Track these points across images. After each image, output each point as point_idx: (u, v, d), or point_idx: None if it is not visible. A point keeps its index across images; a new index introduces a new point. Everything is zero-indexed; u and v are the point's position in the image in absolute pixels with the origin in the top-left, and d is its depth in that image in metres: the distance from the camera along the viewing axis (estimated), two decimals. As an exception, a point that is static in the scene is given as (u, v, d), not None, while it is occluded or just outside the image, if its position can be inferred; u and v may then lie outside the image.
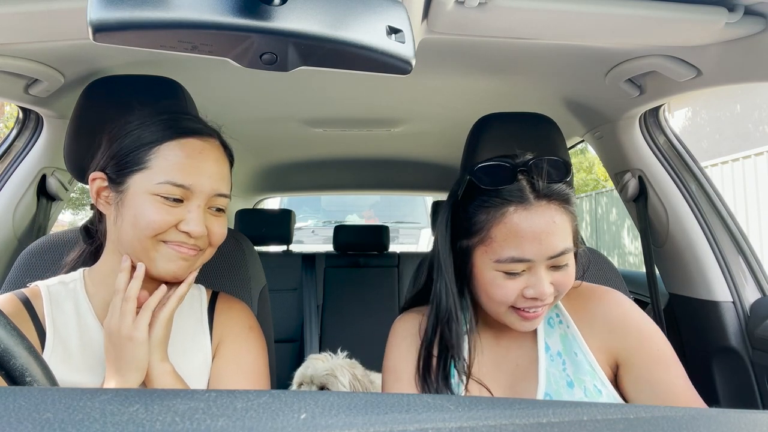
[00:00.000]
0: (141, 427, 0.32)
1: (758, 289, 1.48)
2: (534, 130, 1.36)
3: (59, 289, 0.96)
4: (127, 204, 0.87)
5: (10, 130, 1.58)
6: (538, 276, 0.85)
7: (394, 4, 0.60)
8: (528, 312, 0.88)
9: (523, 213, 0.85)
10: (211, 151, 0.91)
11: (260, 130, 2.24)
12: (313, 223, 6.33)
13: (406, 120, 2.10)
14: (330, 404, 0.36)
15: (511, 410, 0.36)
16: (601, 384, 0.90)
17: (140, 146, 0.87)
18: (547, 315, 0.97)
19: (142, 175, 0.86)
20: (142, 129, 0.89)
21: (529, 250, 0.84)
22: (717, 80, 1.15)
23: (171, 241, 0.88)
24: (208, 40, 0.57)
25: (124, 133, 0.90)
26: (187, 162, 0.87)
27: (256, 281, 1.25)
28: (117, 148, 0.89)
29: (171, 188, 0.86)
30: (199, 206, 0.88)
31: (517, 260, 0.85)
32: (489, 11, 0.92)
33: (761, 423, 0.39)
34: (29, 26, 1.02)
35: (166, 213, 0.86)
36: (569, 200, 0.89)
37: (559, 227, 0.85)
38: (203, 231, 0.89)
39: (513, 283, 0.87)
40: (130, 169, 0.87)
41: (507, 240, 0.85)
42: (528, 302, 0.87)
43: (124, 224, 0.87)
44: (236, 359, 0.99)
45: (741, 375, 1.42)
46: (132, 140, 0.88)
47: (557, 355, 0.94)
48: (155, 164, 0.86)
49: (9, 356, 0.52)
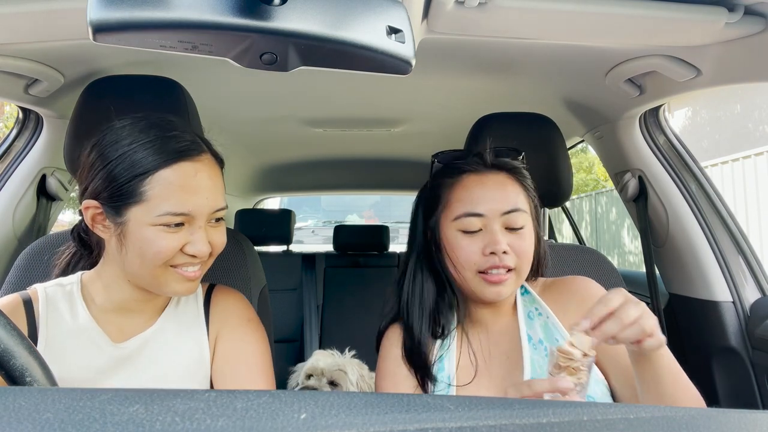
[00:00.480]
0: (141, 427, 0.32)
1: (758, 289, 1.48)
2: (534, 130, 1.36)
3: (56, 291, 0.96)
4: (130, 237, 0.87)
5: (10, 130, 1.58)
6: (493, 232, 0.94)
7: (394, 4, 0.60)
8: (491, 275, 0.95)
9: (476, 177, 0.99)
10: (204, 169, 0.89)
11: (260, 130, 2.24)
12: (313, 223, 6.32)
13: (406, 120, 2.10)
14: (330, 404, 0.36)
15: (511, 410, 0.36)
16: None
17: (133, 177, 0.85)
18: (527, 309, 1.04)
19: (140, 208, 0.85)
20: (132, 155, 0.85)
21: (481, 206, 0.96)
22: (717, 80, 1.15)
23: (178, 264, 0.89)
24: (208, 40, 0.57)
25: (115, 157, 0.86)
26: (184, 189, 0.86)
27: (256, 281, 1.25)
28: (108, 177, 0.86)
29: (172, 218, 0.85)
30: (201, 227, 0.89)
31: (471, 214, 0.96)
32: (489, 11, 0.92)
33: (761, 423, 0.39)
34: (29, 26, 1.02)
35: (171, 240, 0.86)
36: (521, 173, 1.02)
37: (509, 189, 0.98)
38: (208, 249, 0.90)
39: (472, 241, 0.96)
40: (125, 202, 0.85)
41: (462, 200, 0.98)
42: (488, 260, 0.94)
43: (129, 255, 0.88)
44: (236, 351, 0.99)
45: (741, 375, 1.42)
46: (123, 168, 0.85)
47: (539, 342, 1.00)
48: (151, 195, 0.85)
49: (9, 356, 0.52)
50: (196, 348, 0.98)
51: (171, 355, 0.96)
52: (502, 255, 0.94)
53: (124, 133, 0.88)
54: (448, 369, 1.01)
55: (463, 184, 0.99)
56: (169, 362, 0.95)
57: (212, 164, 0.92)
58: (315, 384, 1.68)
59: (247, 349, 1.00)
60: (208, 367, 0.98)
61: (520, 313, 1.03)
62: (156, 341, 0.96)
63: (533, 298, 1.05)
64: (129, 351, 0.93)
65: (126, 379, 0.92)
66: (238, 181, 3.12)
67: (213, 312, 1.02)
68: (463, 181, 0.99)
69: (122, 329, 0.95)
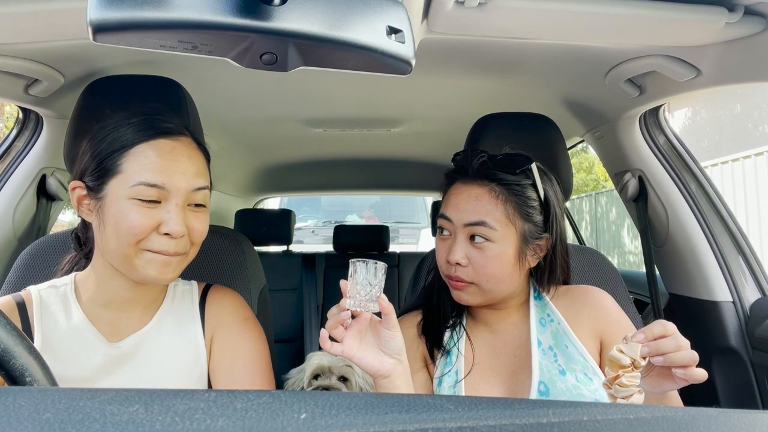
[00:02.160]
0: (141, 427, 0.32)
1: (758, 289, 1.48)
2: (534, 130, 1.36)
3: (49, 293, 0.96)
4: (106, 211, 0.87)
5: (10, 130, 1.58)
6: (456, 242, 0.98)
7: (394, 4, 0.60)
8: (452, 280, 1.00)
9: (460, 186, 1.01)
10: (183, 148, 0.91)
11: (260, 130, 2.24)
12: (313, 223, 6.32)
13: (406, 120, 2.10)
14: (330, 404, 0.36)
15: (511, 410, 0.36)
16: (593, 372, 0.97)
17: (113, 152, 0.87)
18: (539, 315, 1.06)
19: (117, 180, 0.86)
20: (114, 132, 0.89)
21: (450, 213, 0.99)
22: (717, 80, 1.15)
23: (153, 248, 0.88)
24: (208, 40, 0.57)
25: (99, 138, 0.89)
26: (159, 161, 0.87)
27: (256, 281, 1.25)
28: (91, 155, 0.89)
29: (145, 189, 0.85)
30: (177, 205, 0.88)
31: (442, 216, 1.01)
32: (489, 11, 0.92)
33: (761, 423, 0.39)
34: (29, 26, 1.02)
35: (144, 216, 0.86)
36: (513, 190, 0.98)
37: (483, 203, 0.97)
38: (183, 230, 0.88)
39: (442, 246, 1.01)
40: (104, 177, 0.87)
41: (443, 204, 1.03)
42: (449, 268, 0.99)
43: (107, 232, 0.88)
44: (232, 351, 0.99)
45: (741, 375, 1.42)
46: (106, 146, 0.88)
47: (548, 349, 1.02)
48: (127, 167, 0.86)
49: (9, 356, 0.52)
50: (191, 347, 0.98)
51: (166, 355, 0.95)
52: (455, 265, 0.97)
53: (113, 119, 0.92)
54: (456, 364, 1.02)
55: (450, 190, 1.03)
56: (164, 362, 0.95)
57: (193, 147, 0.93)
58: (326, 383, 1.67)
59: (243, 348, 0.99)
60: (204, 366, 0.98)
61: (532, 319, 1.04)
62: (151, 340, 0.96)
63: (546, 304, 1.06)
64: (124, 350, 0.93)
65: (122, 379, 0.92)
66: (238, 181, 3.12)
67: (209, 311, 1.02)
68: (450, 187, 1.03)
69: (117, 328, 0.95)
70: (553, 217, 1.00)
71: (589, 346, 1.01)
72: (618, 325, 1.02)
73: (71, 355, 0.91)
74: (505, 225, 0.96)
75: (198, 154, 0.94)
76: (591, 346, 1.01)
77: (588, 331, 1.02)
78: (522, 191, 0.98)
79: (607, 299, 1.05)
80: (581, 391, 0.95)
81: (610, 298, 1.06)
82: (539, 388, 0.96)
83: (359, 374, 1.63)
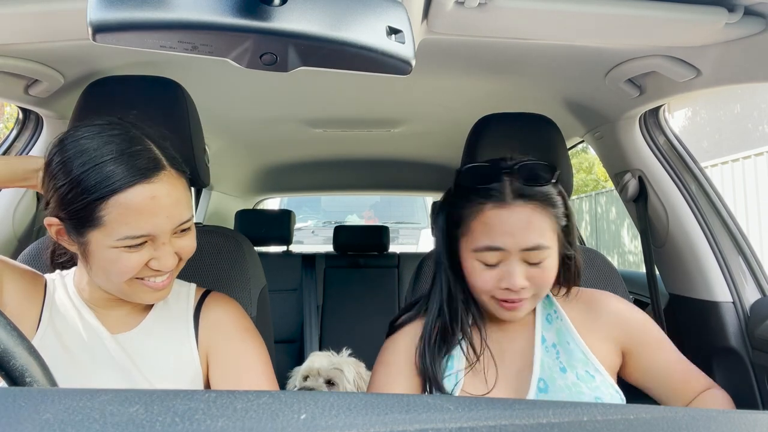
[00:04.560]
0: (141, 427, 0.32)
1: (758, 290, 1.48)
2: (534, 130, 1.36)
3: (58, 283, 0.98)
4: (91, 255, 0.86)
5: (10, 130, 1.58)
6: (511, 268, 0.92)
7: (394, 4, 0.60)
8: (506, 303, 0.95)
9: (498, 210, 0.93)
10: (162, 189, 0.85)
11: (260, 130, 2.24)
12: (313, 224, 6.33)
13: (406, 120, 2.10)
14: (330, 405, 0.36)
15: (511, 410, 0.36)
16: (594, 370, 0.98)
17: (88, 203, 0.81)
18: (546, 311, 1.06)
19: (99, 232, 0.83)
20: (86, 177, 0.81)
21: (501, 240, 0.92)
22: (717, 80, 1.15)
23: (146, 280, 0.89)
24: (208, 40, 0.57)
25: (70, 178, 0.82)
26: (141, 212, 0.83)
27: (256, 282, 1.25)
28: (65, 200, 0.83)
29: (131, 241, 0.83)
30: (165, 243, 0.87)
31: (491, 248, 0.93)
32: (489, 11, 0.92)
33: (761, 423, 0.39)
34: (29, 26, 1.02)
35: (134, 258, 0.85)
36: (551, 202, 0.95)
37: (535, 225, 0.92)
38: (174, 262, 0.89)
39: (489, 273, 0.94)
40: (85, 226, 0.83)
41: (483, 232, 0.94)
42: (504, 293, 0.94)
43: (95, 270, 0.88)
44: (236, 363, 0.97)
45: (741, 375, 1.42)
46: (78, 193, 0.81)
47: (552, 346, 1.02)
48: (108, 220, 0.82)
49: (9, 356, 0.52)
50: (183, 350, 0.97)
51: (154, 356, 0.95)
52: (518, 290, 0.93)
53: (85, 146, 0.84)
54: (457, 365, 1.01)
55: (485, 216, 0.94)
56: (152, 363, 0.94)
57: (172, 179, 0.87)
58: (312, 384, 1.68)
59: (249, 360, 0.98)
60: (198, 371, 0.97)
61: (538, 315, 1.05)
62: (141, 342, 0.96)
63: (552, 302, 1.07)
64: (117, 350, 0.93)
65: (110, 379, 0.92)
66: (238, 181, 3.12)
67: (205, 317, 1.00)
68: (485, 212, 0.94)
69: (112, 326, 0.96)
70: (571, 216, 1.01)
71: (598, 348, 1.01)
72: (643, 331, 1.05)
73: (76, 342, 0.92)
74: (552, 238, 0.95)
75: (178, 184, 0.89)
76: (602, 348, 1.02)
77: (603, 336, 1.03)
78: (555, 201, 0.96)
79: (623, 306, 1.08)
80: (581, 389, 0.95)
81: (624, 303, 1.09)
82: (539, 385, 0.96)
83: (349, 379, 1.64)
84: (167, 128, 1.09)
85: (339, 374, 1.68)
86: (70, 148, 0.84)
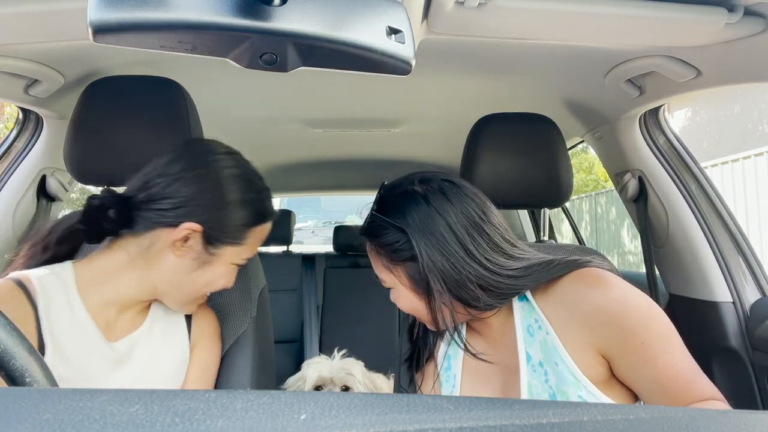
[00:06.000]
0: (141, 428, 0.32)
1: (758, 290, 1.48)
2: (534, 130, 1.36)
3: (51, 281, 0.91)
4: (211, 266, 0.95)
5: (10, 130, 1.58)
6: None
7: (394, 4, 0.60)
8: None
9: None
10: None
11: (260, 130, 2.24)
12: (313, 224, 6.33)
13: (406, 120, 2.10)
14: (330, 405, 0.36)
15: (511, 410, 0.36)
16: (587, 393, 0.84)
17: (242, 225, 0.96)
18: (526, 322, 0.92)
19: (235, 250, 0.96)
20: (246, 206, 0.97)
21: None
22: (717, 80, 1.15)
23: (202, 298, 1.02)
24: (208, 40, 0.57)
25: (230, 200, 0.95)
26: (259, 243, 1.03)
27: (256, 281, 1.25)
28: (223, 217, 0.94)
29: (243, 261, 1.00)
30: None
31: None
32: (489, 11, 0.92)
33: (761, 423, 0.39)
34: (29, 26, 1.02)
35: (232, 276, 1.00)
36: (378, 243, 0.97)
37: (373, 260, 1.02)
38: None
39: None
40: (227, 241, 0.95)
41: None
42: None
43: (193, 277, 0.94)
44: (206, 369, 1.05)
45: (741, 375, 1.42)
46: (238, 217, 0.96)
47: (539, 365, 0.89)
48: (248, 242, 0.98)
49: (9, 357, 0.52)
50: (179, 351, 1.01)
51: (157, 358, 0.97)
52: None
53: (251, 173, 1.02)
54: (454, 368, 1.02)
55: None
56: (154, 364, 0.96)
57: None
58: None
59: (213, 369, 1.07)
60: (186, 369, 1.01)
61: (518, 326, 0.92)
62: (144, 343, 0.96)
63: (532, 308, 0.92)
64: (119, 352, 0.94)
65: (116, 382, 0.92)
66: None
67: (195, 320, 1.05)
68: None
69: (113, 328, 0.95)
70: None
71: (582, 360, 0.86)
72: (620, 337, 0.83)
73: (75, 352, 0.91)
74: (387, 273, 1.03)
75: None
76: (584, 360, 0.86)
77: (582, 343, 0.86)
78: (379, 234, 0.98)
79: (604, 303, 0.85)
80: None
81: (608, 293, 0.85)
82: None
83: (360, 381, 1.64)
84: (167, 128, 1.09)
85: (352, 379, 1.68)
86: (242, 166, 1.00)
